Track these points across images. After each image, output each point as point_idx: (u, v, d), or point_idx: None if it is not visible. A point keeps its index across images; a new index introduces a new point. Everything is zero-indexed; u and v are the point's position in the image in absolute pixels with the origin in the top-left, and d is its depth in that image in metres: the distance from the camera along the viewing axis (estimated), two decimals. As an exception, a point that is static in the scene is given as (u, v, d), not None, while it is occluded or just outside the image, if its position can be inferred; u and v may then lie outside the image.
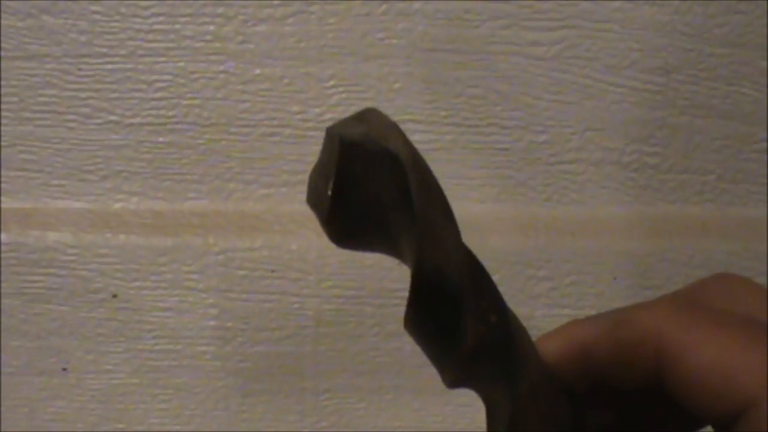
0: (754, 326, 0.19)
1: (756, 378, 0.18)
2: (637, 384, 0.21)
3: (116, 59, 0.38)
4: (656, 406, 0.22)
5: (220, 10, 0.38)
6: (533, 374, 0.21)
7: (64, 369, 0.39)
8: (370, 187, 0.20)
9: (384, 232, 0.20)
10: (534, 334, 0.34)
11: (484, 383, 0.21)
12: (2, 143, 0.38)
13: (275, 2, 0.38)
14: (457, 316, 0.20)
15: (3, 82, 0.38)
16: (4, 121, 0.38)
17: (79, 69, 0.38)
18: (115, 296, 0.38)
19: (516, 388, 0.21)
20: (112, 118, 0.38)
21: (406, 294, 0.19)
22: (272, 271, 0.39)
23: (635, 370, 0.21)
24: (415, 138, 0.39)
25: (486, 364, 0.21)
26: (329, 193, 0.20)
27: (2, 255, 0.38)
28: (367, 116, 0.21)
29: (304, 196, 0.22)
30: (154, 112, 0.38)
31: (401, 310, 0.20)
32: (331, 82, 0.38)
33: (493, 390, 0.21)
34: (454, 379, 0.21)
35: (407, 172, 0.19)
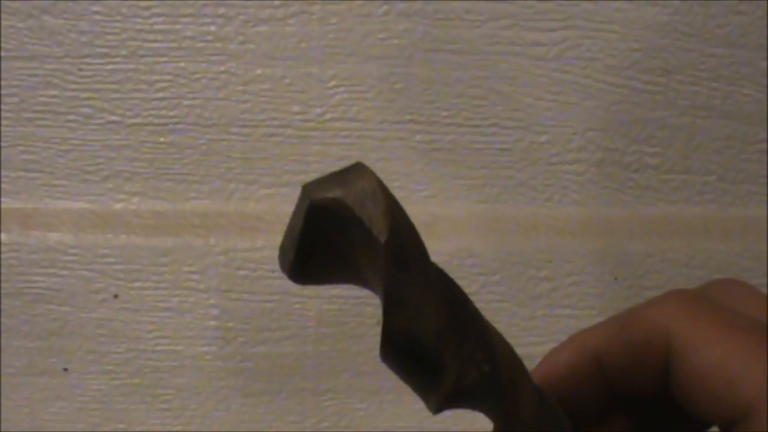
0: (760, 331, 0.19)
1: (756, 386, 0.18)
2: (649, 388, 0.21)
3: (117, 59, 0.38)
4: (669, 414, 0.22)
5: (221, 10, 0.38)
6: (528, 407, 0.21)
7: (65, 369, 0.39)
8: (341, 247, 0.19)
9: (356, 279, 0.20)
10: (535, 334, 0.34)
11: (478, 409, 0.21)
12: (3, 143, 0.38)
13: (276, 3, 0.38)
14: (435, 365, 0.19)
15: (4, 83, 0.38)
16: (5, 121, 0.38)
17: (80, 69, 0.38)
18: (116, 296, 0.38)
19: (511, 422, 0.20)
20: (113, 118, 0.38)
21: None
22: (273, 271, 0.39)
23: (646, 370, 0.21)
24: (416, 138, 0.39)
25: (472, 402, 0.20)
26: (293, 258, 0.19)
27: (3, 255, 0.38)
28: (349, 177, 0.20)
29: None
30: (155, 112, 0.38)
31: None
32: (332, 83, 0.38)
33: (488, 414, 0.21)
34: (437, 411, 0.20)
35: (379, 251, 0.18)
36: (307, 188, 0.19)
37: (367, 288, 0.20)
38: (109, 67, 0.38)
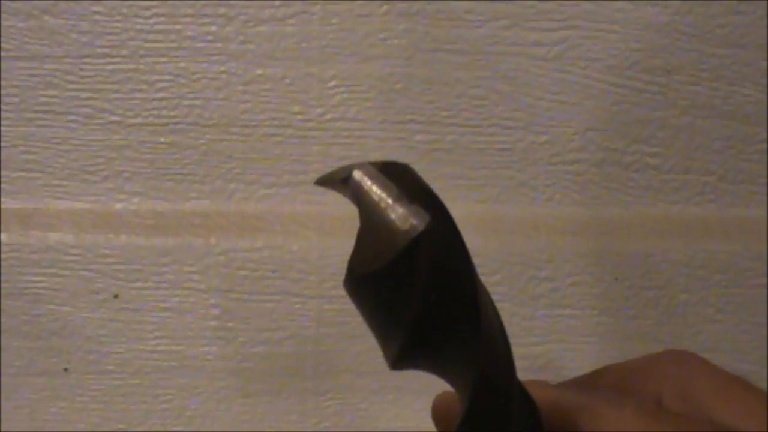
0: None
1: None
2: None
3: (118, 60, 0.38)
4: None
5: (222, 10, 0.38)
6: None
7: (66, 369, 0.39)
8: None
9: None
10: (535, 334, 0.34)
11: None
12: (3, 143, 0.38)
13: (276, 3, 0.38)
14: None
15: (4, 83, 0.38)
16: (5, 121, 0.38)
17: (81, 69, 0.38)
18: (116, 296, 0.38)
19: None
20: (114, 118, 0.38)
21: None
22: (273, 271, 0.39)
23: None
24: (416, 138, 0.39)
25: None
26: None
27: (4, 255, 0.38)
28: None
29: (305, 197, 0.21)
30: (155, 112, 0.38)
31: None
32: (333, 83, 0.38)
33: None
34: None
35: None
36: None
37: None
38: (110, 67, 0.38)
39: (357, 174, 0.19)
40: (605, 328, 0.40)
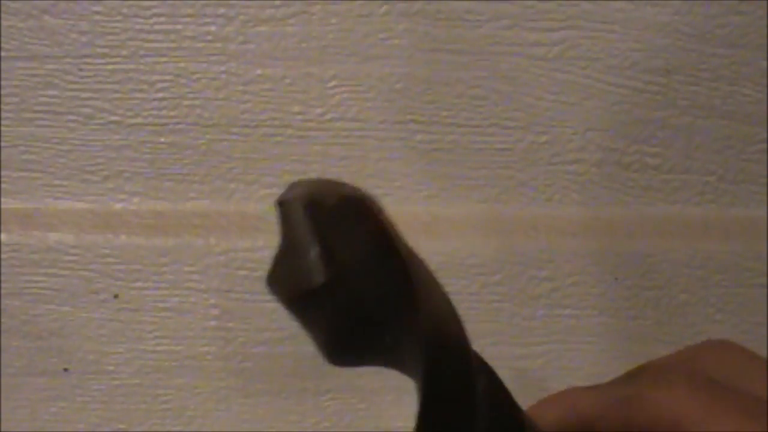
0: None
1: None
2: None
3: (117, 59, 0.38)
4: None
5: (222, 10, 0.38)
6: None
7: (66, 369, 0.39)
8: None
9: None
10: (535, 334, 0.34)
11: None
12: (3, 143, 0.38)
13: (276, 3, 0.38)
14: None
15: (4, 83, 0.38)
16: (5, 121, 0.38)
17: (81, 69, 0.38)
18: (116, 297, 0.38)
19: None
20: (114, 118, 0.38)
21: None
22: (273, 271, 0.39)
23: None
24: (416, 138, 0.39)
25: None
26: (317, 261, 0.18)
27: (3, 255, 0.38)
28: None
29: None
30: (155, 112, 0.38)
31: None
32: (333, 83, 0.38)
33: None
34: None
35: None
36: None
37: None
38: (110, 67, 0.38)
39: (284, 206, 0.19)
40: (605, 328, 0.40)
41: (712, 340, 0.23)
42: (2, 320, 0.38)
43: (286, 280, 0.19)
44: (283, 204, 0.19)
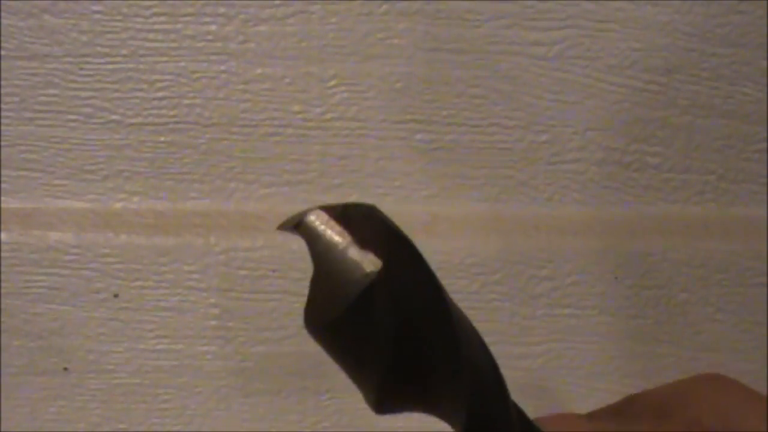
0: None
1: None
2: None
3: (118, 59, 0.38)
4: None
5: (222, 9, 0.38)
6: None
7: (66, 369, 0.39)
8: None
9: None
10: (535, 333, 0.34)
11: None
12: (3, 143, 0.38)
13: (276, 2, 0.38)
14: None
15: (4, 82, 0.38)
16: (5, 120, 0.38)
17: (81, 69, 0.38)
18: (116, 296, 0.38)
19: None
20: (114, 117, 0.38)
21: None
22: (274, 270, 0.39)
23: None
24: (416, 138, 0.39)
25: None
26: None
27: (3, 255, 0.38)
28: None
29: (305, 196, 0.21)
30: (155, 111, 0.38)
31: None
32: (333, 82, 0.38)
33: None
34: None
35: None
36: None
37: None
38: (110, 66, 0.38)
39: (308, 219, 0.19)
40: (605, 328, 0.40)
41: (706, 375, 0.23)
42: (2, 320, 0.38)
43: (329, 297, 0.19)
44: (300, 224, 0.18)
